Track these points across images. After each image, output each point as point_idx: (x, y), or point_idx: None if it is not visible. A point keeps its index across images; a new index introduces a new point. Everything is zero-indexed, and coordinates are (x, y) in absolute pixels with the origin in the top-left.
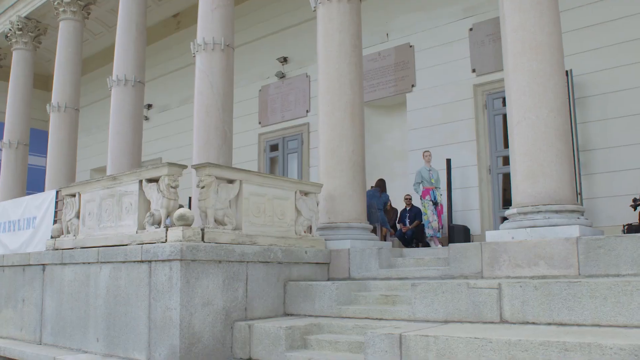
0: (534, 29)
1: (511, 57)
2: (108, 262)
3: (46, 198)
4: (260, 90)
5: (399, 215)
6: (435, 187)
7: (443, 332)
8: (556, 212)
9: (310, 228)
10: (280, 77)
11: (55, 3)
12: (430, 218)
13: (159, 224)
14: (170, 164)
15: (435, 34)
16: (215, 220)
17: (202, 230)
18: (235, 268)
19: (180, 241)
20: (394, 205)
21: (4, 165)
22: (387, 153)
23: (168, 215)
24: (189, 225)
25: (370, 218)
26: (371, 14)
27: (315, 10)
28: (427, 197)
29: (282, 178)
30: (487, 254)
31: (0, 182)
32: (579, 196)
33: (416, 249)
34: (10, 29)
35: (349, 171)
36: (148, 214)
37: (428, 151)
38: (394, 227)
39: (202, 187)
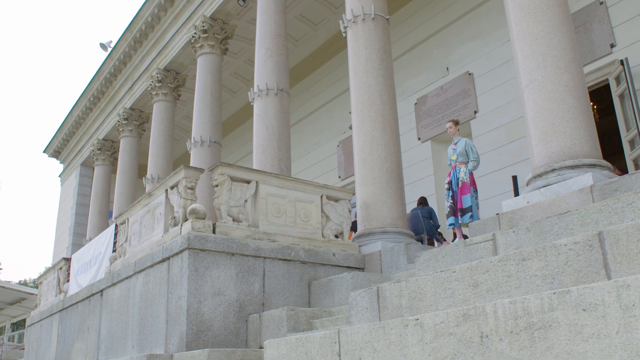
0: None
1: (514, 24)
2: (141, 270)
3: (108, 233)
4: (338, 145)
5: None
6: (462, 163)
7: (413, 277)
8: (571, 167)
9: (342, 234)
10: None
11: (150, 88)
12: (446, 204)
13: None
14: (187, 167)
15: (492, 56)
16: (232, 218)
17: (214, 224)
18: (250, 262)
19: (189, 231)
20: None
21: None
22: None
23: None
24: (201, 218)
25: (416, 228)
26: (432, 52)
27: (345, 36)
28: (446, 180)
29: (304, 181)
30: (505, 225)
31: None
32: None
33: (450, 244)
34: (118, 121)
35: (383, 178)
36: (170, 217)
37: (450, 121)
38: None
39: (216, 186)
